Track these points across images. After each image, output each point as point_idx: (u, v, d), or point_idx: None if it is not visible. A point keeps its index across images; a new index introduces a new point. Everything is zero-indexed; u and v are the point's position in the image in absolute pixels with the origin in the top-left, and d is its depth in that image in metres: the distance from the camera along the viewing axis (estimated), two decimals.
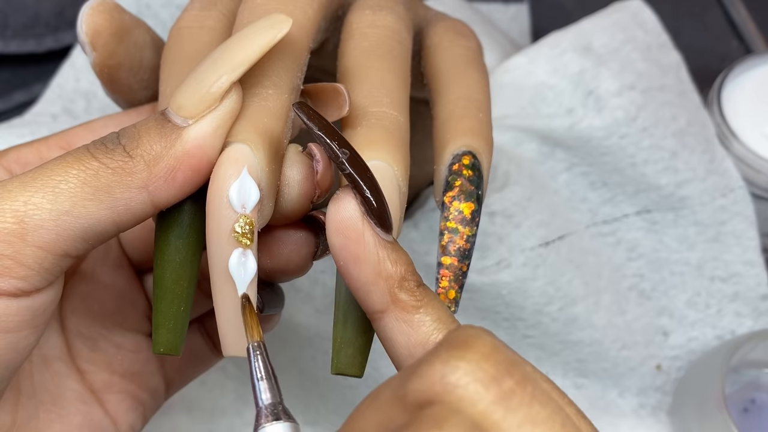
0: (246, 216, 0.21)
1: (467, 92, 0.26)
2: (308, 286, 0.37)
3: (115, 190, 0.21)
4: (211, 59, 0.22)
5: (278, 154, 0.22)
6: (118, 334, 0.28)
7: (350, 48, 0.26)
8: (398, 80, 0.25)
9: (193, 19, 0.26)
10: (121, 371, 0.28)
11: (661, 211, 0.40)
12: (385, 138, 0.23)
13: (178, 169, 0.21)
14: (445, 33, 0.28)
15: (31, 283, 0.21)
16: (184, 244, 0.23)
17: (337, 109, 0.24)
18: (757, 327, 0.40)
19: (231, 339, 0.22)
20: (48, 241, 0.21)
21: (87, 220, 0.21)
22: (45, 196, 0.21)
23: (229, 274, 0.22)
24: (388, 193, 0.22)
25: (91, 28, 0.26)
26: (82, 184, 0.21)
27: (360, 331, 0.23)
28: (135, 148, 0.21)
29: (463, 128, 0.25)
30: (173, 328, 0.23)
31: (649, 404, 0.40)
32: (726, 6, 0.53)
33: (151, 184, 0.21)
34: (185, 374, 0.30)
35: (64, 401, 0.26)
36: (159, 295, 0.23)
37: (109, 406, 0.27)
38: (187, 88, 0.22)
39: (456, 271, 0.24)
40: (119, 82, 0.28)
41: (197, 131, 0.21)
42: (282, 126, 0.23)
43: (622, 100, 0.38)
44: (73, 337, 0.27)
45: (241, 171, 0.21)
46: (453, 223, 0.24)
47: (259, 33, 0.22)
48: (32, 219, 0.21)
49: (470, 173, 0.24)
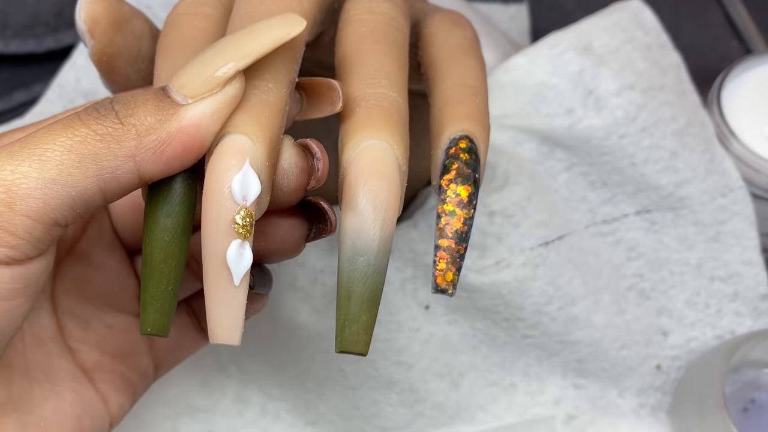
0: (246, 208, 0.21)
1: (464, 79, 0.26)
2: (308, 285, 0.37)
3: (101, 158, 0.21)
4: (220, 45, 0.22)
5: (276, 148, 0.23)
6: (109, 314, 0.29)
7: (348, 34, 0.26)
8: (396, 64, 0.25)
9: (189, 6, 0.26)
10: (112, 351, 0.28)
11: (660, 210, 0.40)
12: (384, 118, 0.23)
13: (168, 144, 0.22)
14: (442, 23, 0.28)
15: (23, 251, 0.21)
16: (173, 224, 0.23)
17: (330, 104, 0.24)
18: (756, 327, 0.40)
19: (220, 328, 0.22)
20: (36, 209, 0.21)
21: (73, 188, 0.21)
22: (32, 165, 0.21)
23: (226, 263, 0.22)
24: (388, 172, 0.23)
25: (89, 17, 0.27)
26: (69, 151, 0.21)
27: (364, 308, 0.23)
28: (128, 116, 0.22)
29: (460, 113, 0.25)
30: (161, 308, 0.23)
31: (649, 404, 0.40)
32: (726, 6, 0.53)
33: (139, 154, 0.21)
34: (173, 356, 0.31)
35: (57, 379, 0.27)
36: (147, 274, 0.23)
37: (100, 386, 0.28)
38: (191, 69, 0.22)
39: (453, 253, 0.24)
40: (117, 71, 0.28)
41: (195, 110, 0.22)
42: (281, 120, 0.23)
43: (622, 100, 0.38)
44: (65, 317, 0.28)
45: (244, 163, 0.21)
46: (450, 205, 0.24)
47: (273, 28, 0.22)
48: (20, 188, 0.21)
49: (467, 157, 0.24)
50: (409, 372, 0.38)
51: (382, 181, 0.22)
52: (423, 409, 0.39)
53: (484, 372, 0.39)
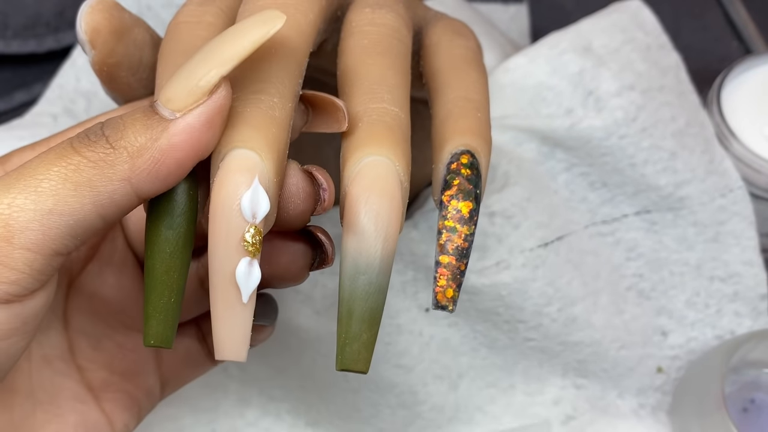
0: (256, 226, 0.21)
1: (466, 92, 0.26)
2: (308, 288, 0.37)
3: (96, 184, 0.21)
4: (202, 53, 0.22)
5: (283, 164, 0.22)
6: (121, 332, 0.28)
7: (350, 46, 0.26)
8: (398, 77, 0.25)
9: (191, 14, 0.26)
10: (121, 370, 0.28)
11: (660, 211, 0.40)
12: (386, 134, 0.23)
13: (162, 162, 0.21)
14: (444, 32, 0.28)
15: (23, 286, 0.21)
16: (175, 235, 0.23)
17: (336, 122, 0.24)
18: (756, 327, 0.40)
19: (227, 345, 0.22)
20: (35, 241, 0.21)
21: (72, 216, 0.21)
22: (28, 197, 0.21)
23: (234, 281, 0.21)
24: (390, 189, 0.22)
25: (90, 27, 0.26)
26: (64, 180, 0.21)
27: (365, 327, 0.23)
28: (119, 139, 0.21)
29: (462, 127, 0.25)
30: (164, 319, 0.22)
31: (649, 404, 0.40)
32: (726, 6, 0.53)
33: (134, 176, 0.21)
34: (180, 376, 0.30)
35: (61, 400, 0.26)
36: (150, 286, 0.23)
37: (106, 405, 0.27)
38: (176, 81, 0.22)
39: (454, 269, 0.24)
40: (119, 80, 0.28)
41: (184, 125, 0.21)
42: (287, 136, 0.23)
43: (622, 101, 0.38)
44: (76, 336, 0.28)
45: (253, 180, 0.21)
46: (451, 222, 0.24)
47: (252, 28, 0.22)
48: (17, 221, 0.20)
49: (469, 172, 0.24)
50: (409, 375, 0.38)
51: (384, 199, 0.22)
52: (422, 411, 0.39)
53: (482, 373, 0.39)
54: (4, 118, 0.47)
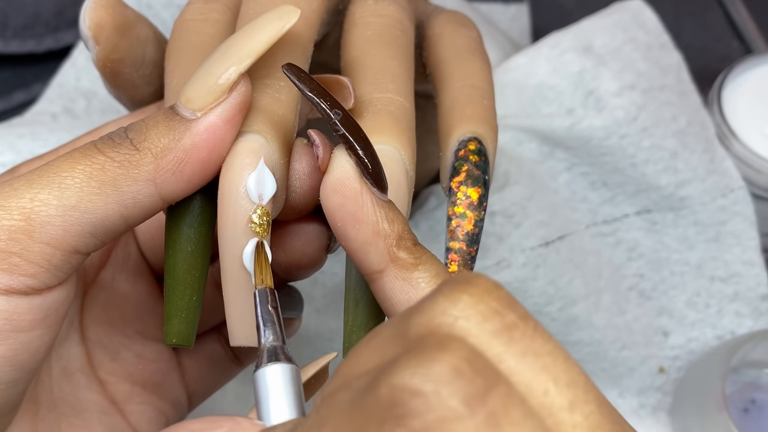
0: (263, 207, 0.21)
1: (471, 80, 0.26)
2: (308, 286, 0.37)
3: (121, 184, 0.21)
4: (220, 51, 0.22)
5: (289, 147, 0.23)
6: (138, 343, 0.28)
7: (354, 37, 0.26)
8: (402, 67, 0.25)
9: (197, 12, 0.26)
10: (142, 381, 0.28)
11: (661, 211, 0.40)
12: (391, 123, 0.23)
13: (186, 162, 0.21)
14: (447, 23, 0.28)
15: (41, 280, 0.21)
16: (196, 233, 0.23)
17: (342, 101, 0.24)
18: (757, 327, 0.40)
19: (240, 329, 0.22)
20: (56, 237, 0.21)
21: (94, 214, 0.21)
22: (51, 192, 0.21)
23: (243, 264, 0.21)
24: (396, 177, 0.23)
25: (94, 23, 0.26)
26: (89, 178, 0.21)
27: (371, 315, 0.23)
28: (143, 141, 0.21)
29: (468, 114, 0.25)
30: (185, 318, 0.23)
31: (649, 404, 0.40)
32: (726, 6, 0.53)
33: (159, 177, 0.21)
34: (206, 384, 0.30)
35: (86, 413, 0.26)
36: (171, 285, 0.23)
37: (132, 418, 0.27)
38: (195, 81, 0.22)
39: (465, 255, 0.24)
40: (122, 77, 0.28)
41: (206, 124, 0.21)
42: (293, 118, 0.23)
43: (623, 100, 0.38)
44: (93, 348, 0.27)
45: (258, 162, 0.21)
46: (461, 207, 0.24)
47: (268, 24, 0.22)
48: (39, 215, 0.20)
49: (476, 158, 0.25)
50: None
51: (390, 187, 0.22)
52: None
53: None
54: (3, 118, 0.47)
